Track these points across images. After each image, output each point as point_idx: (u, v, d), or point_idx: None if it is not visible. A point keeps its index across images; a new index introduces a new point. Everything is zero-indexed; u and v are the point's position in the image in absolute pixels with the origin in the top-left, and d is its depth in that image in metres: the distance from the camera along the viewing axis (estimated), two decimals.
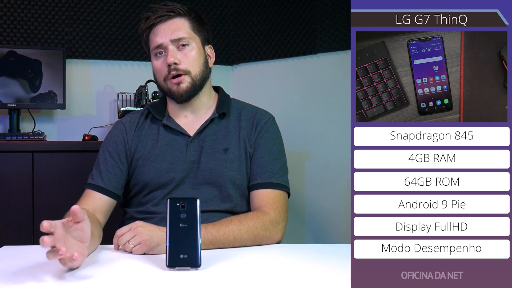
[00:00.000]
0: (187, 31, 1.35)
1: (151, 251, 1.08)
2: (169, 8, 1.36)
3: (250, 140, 1.37)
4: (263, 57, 2.68)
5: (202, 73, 1.37)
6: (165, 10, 1.35)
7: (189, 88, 1.34)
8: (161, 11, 1.35)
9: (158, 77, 1.37)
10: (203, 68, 1.37)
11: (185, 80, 1.33)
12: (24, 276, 0.90)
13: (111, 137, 1.41)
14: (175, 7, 1.36)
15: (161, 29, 1.34)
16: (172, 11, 1.35)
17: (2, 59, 2.35)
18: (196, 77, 1.35)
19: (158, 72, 1.36)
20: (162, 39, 1.33)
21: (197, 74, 1.35)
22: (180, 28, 1.34)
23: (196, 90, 1.36)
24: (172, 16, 1.35)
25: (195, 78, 1.35)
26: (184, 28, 1.35)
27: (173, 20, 1.35)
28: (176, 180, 1.34)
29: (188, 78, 1.34)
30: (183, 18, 1.36)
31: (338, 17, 2.45)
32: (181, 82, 1.33)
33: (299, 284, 0.90)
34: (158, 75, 1.37)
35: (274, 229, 1.25)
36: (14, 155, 2.13)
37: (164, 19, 1.35)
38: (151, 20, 1.36)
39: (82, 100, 2.61)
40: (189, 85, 1.34)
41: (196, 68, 1.35)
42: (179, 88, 1.34)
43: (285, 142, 1.44)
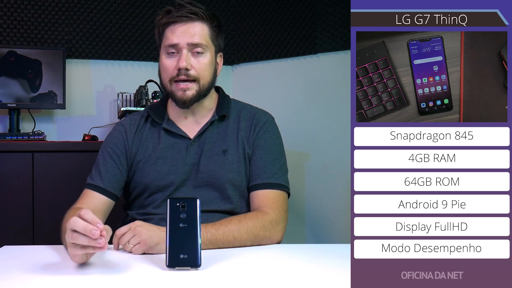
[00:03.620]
0: (205, 38, 1.32)
1: (151, 251, 1.08)
2: (193, 9, 1.31)
3: (248, 141, 1.37)
4: (263, 57, 2.68)
5: (210, 82, 1.36)
6: (189, 11, 1.31)
7: (194, 96, 1.33)
8: (185, 10, 1.31)
9: (164, 75, 1.35)
10: (211, 78, 1.36)
11: (192, 87, 1.32)
12: (24, 276, 0.90)
13: (111, 139, 1.41)
14: (200, 10, 1.32)
15: (181, 30, 1.31)
16: (195, 13, 1.31)
17: (2, 59, 2.35)
18: (204, 86, 1.34)
19: (165, 70, 1.34)
20: (179, 40, 1.30)
21: (205, 83, 1.34)
22: (199, 33, 1.31)
23: (200, 97, 1.35)
24: (195, 19, 1.31)
25: (202, 87, 1.33)
26: (203, 35, 1.32)
27: (195, 24, 1.31)
28: (176, 183, 1.34)
29: (196, 86, 1.32)
30: (204, 23, 1.33)
31: (338, 17, 2.45)
32: (188, 89, 1.32)
33: (299, 284, 0.90)
34: (164, 74, 1.35)
35: (274, 229, 1.25)
36: (14, 155, 2.13)
37: (185, 20, 1.31)
38: (172, 17, 1.31)
39: (82, 100, 2.61)
40: (195, 93, 1.32)
41: (206, 77, 1.34)
42: (184, 95, 1.32)
43: (285, 142, 1.44)
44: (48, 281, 0.88)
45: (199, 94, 1.34)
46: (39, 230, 2.09)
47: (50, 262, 1.01)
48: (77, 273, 0.93)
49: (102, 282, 0.90)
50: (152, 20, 2.63)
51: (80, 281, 0.89)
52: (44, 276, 0.90)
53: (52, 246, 1.13)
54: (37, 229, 2.09)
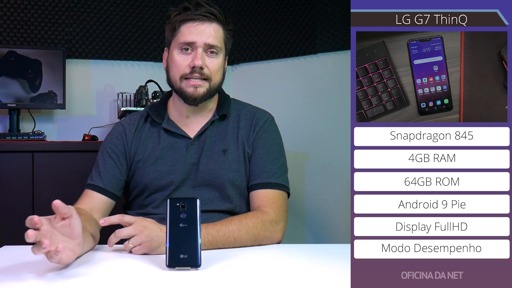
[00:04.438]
0: (220, 40, 1.34)
1: (152, 252, 1.08)
2: (212, 10, 1.32)
3: (248, 141, 1.37)
4: (263, 57, 2.68)
5: (219, 83, 1.37)
6: (208, 11, 1.32)
7: (205, 94, 1.33)
8: (204, 9, 1.32)
9: (175, 72, 1.34)
10: (221, 79, 1.37)
11: (203, 85, 1.33)
12: (24, 276, 0.90)
13: (111, 139, 1.41)
14: (218, 12, 1.33)
15: (199, 29, 1.31)
16: (214, 14, 1.32)
17: (2, 59, 2.35)
18: (214, 86, 1.35)
19: (177, 67, 1.33)
20: (197, 39, 1.31)
21: (215, 83, 1.35)
22: (216, 35, 1.32)
23: (209, 97, 1.36)
24: (213, 20, 1.32)
25: (212, 86, 1.34)
26: (219, 37, 1.33)
27: (212, 24, 1.32)
28: (176, 182, 1.34)
29: (207, 85, 1.33)
30: (220, 26, 1.34)
31: (338, 17, 2.45)
32: (200, 86, 1.32)
33: (299, 284, 0.90)
34: (175, 70, 1.34)
35: (274, 229, 1.25)
36: (14, 155, 2.13)
37: (204, 20, 1.31)
38: (191, 15, 1.32)
39: (82, 100, 2.61)
40: (206, 91, 1.33)
41: (217, 78, 1.35)
42: (196, 92, 1.32)
43: (285, 142, 1.44)
44: (48, 281, 0.88)
45: (209, 93, 1.34)
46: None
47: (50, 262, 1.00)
48: (77, 273, 0.93)
49: (102, 282, 0.90)
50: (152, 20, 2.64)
51: (80, 281, 0.89)
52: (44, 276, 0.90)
53: None
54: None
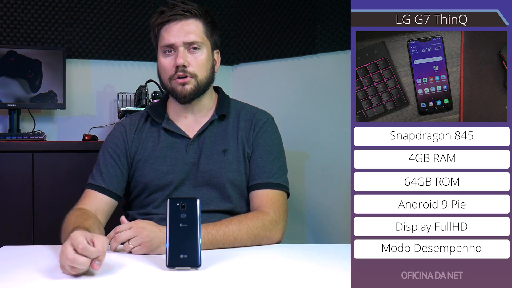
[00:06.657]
0: (200, 35, 1.34)
1: (152, 253, 1.08)
2: (186, 7, 1.33)
3: (248, 141, 1.37)
4: (263, 57, 2.68)
5: (208, 78, 1.37)
6: (182, 9, 1.33)
7: (193, 91, 1.33)
8: (178, 8, 1.33)
9: (163, 75, 1.36)
10: (209, 74, 1.37)
11: (190, 82, 1.33)
12: (24, 276, 0.90)
13: (111, 139, 1.41)
14: (193, 8, 1.34)
15: (175, 29, 1.32)
16: (189, 11, 1.33)
17: (2, 59, 2.35)
18: (202, 82, 1.35)
19: (164, 70, 1.35)
20: (175, 39, 1.32)
21: (203, 79, 1.35)
22: (194, 31, 1.33)
23: (200, 93, 1.36)
24: (188, 17, 1.33)
25: (200, 82, 1.34)
26: (198, 32, 1.33)
27: (188, 21, 1.33)
28: (175, 182, 1.34)
29: (194, 81, 1.33)
30: (198, 20, 1.34)
31: (338, 17, 2.45)
32: (187, 84, 1.32)
33: (299, 284, 0.90)
34: (163, 73, 1.36)
35: (274, 229, 1.25)
36: (14, 155, 2.13)
37: (179, 18, 1.32)
38: (166, 17, 1.33)
39: (82, 100, 2.60)
40: (194, 87, 1.33)
41: (203, 73, 1.35)
42: (184, 89, 1.33)
43: (285, 142, 1.44)
44: (48, 281, 0.88)
45: (198, 89, 1.34)
46: (39, 230, 2.09)
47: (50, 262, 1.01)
48: None
49: (102, 282, 0.90)
50: None
51: (80, 281, 0.89)
52: (44, 276, 0.90)
53: (52, 246, 1.13)
54: (37, 229, 2.09)
